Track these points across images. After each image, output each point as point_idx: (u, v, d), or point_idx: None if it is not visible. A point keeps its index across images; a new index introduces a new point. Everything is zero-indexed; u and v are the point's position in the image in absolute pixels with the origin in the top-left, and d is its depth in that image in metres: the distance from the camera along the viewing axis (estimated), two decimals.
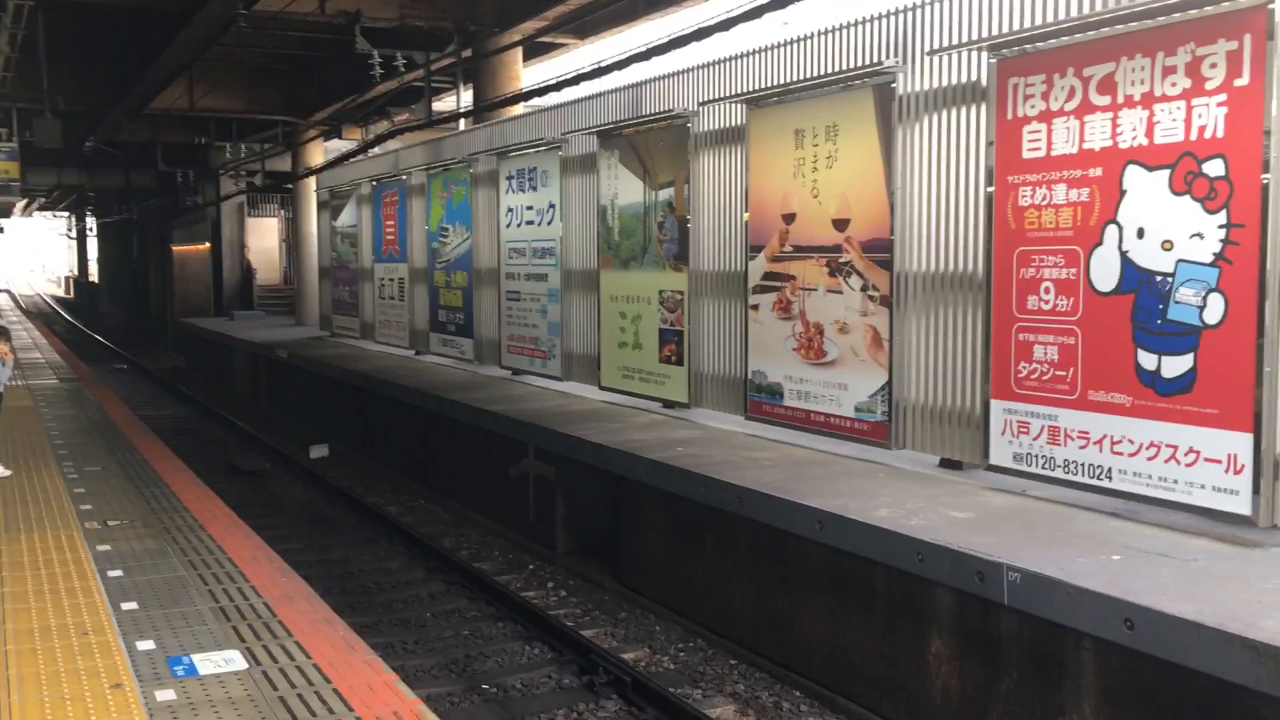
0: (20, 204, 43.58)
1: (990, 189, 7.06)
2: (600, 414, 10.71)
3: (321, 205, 21.84)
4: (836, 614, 6.80)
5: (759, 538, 7.44)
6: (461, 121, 16.60)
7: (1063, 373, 6.67)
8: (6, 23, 13.85)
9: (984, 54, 7.08)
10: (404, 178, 17.03)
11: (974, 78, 7.28)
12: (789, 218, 8.88)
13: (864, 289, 8.21)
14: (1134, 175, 6.20)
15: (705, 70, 10.02)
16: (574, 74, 11.78)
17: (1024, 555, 5.59)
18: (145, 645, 4.78)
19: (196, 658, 4.62)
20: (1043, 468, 6.85)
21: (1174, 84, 5.96)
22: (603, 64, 11.06)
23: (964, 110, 7.40)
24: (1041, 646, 5.46)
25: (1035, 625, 5.46)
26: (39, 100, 19.04)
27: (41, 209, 56.31)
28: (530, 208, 13.12)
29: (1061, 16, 6.68)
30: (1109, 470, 6.44)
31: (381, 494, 13.03)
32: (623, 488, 9.03)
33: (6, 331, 8.76)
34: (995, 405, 7.13)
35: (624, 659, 7.39)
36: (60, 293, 78.09)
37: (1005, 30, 7.02)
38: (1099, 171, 6.38)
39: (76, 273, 69.37)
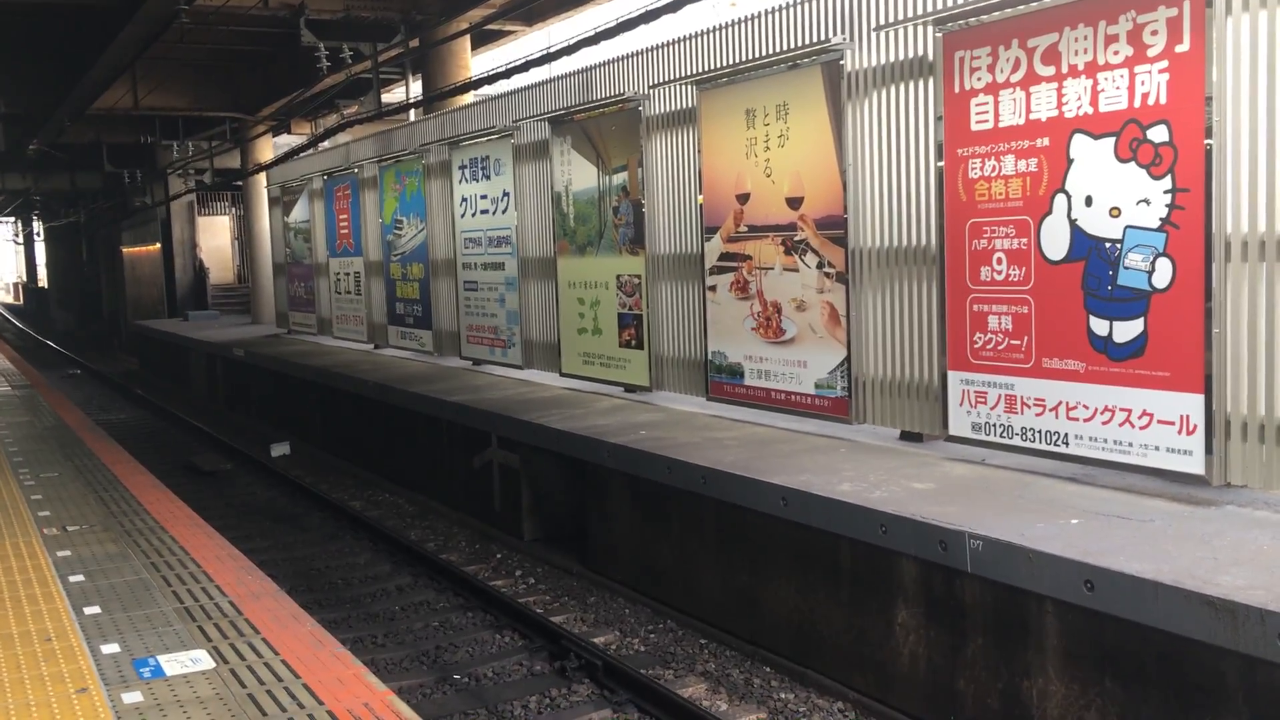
0: None
1: (940, 163, 7.13)
2: (562, 401, 10.71)
3: (273, 201, 21.62)
4: (803, 589, 6.86)
5: (724, 517, 7.49)
6: (411, 112, 16.47)
7: (1017, 342, 6.76)
8: None
9: (930, 28, 7.13)
10: (356, 171, 16.89)
11: (921, 52, 7.33)
12: (743, 198, 8.91)
13: (820, 266, 8.26)
14: (1080, 144, 6.27)
15: (655, 53, 10.01)
16: (523, 60, 11.72)
17: (985, 523, 5.67)
18: (110, 649, 4.73)
19: (163, 659, 4.58)
20: (1001, 436, 6.93)
21: (1116, 52, 6.04)
22: (552, 50, 11.02)
23: (912, 85, 7.45)
24: (1005, 611, 5.55)
25: (998, 591, 5.54)
26: None
27: None
28: (484, 197, 13.07)
29: None
30: (1065, 436, 6.54)
31: (345, 489, 12.96)
32: (587, 473, 9.05)
33: None
34: (952, 376, 7.21)
35: (594, 643, 7.42)
36: (8, 299, 76.75)
37: (950, 4, 7.06)
38: (1046, 142, 6.45)
39: (25, 278, 68.16)
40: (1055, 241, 6.47)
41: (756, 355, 8.95)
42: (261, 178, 23.09)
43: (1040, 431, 6.69)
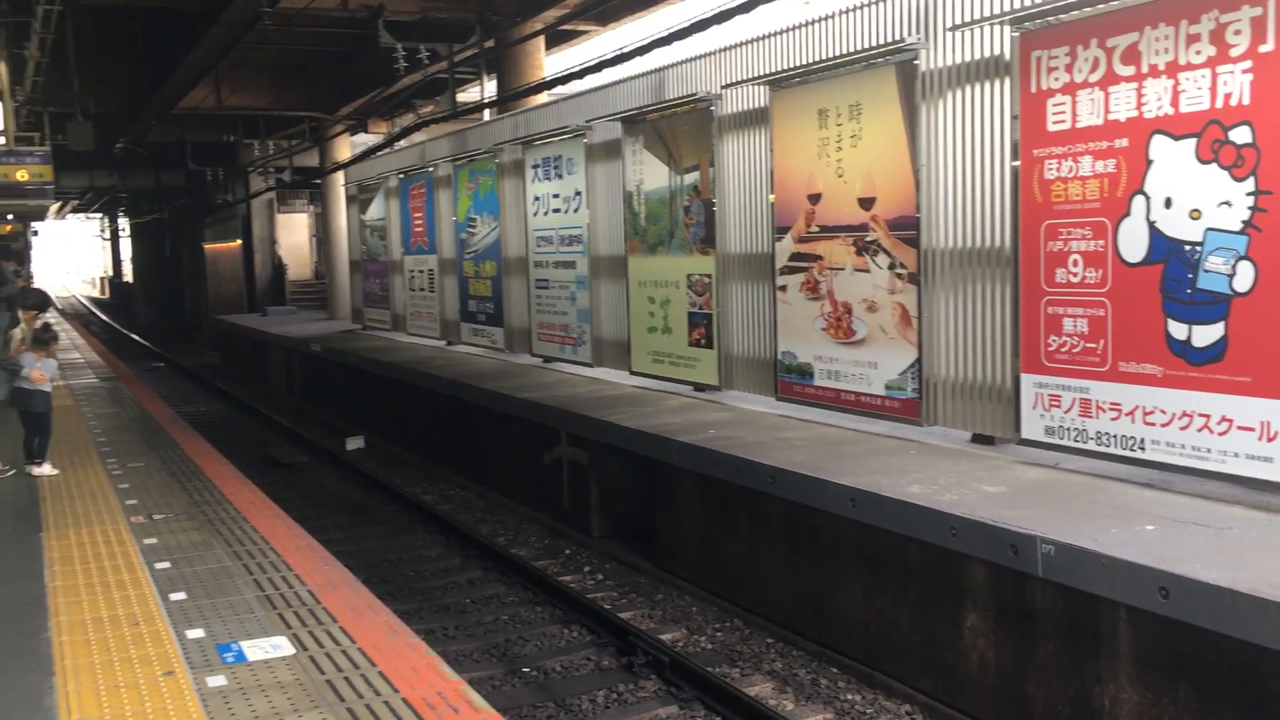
0: (54, 206, 44.10)
1: (1015, 163, 7.06)
2: (632, 399, 10.79)
3: (350, 199, 22.01)
4: (871, 590, 6.85)
5: (792, 517, 7.50)
6: (486, 112, 16.68)
7: (1093, 345, 6.67)
8: (36, 28, 14.07)
9: (1006, 28, 7.06)
10: (431, 169, 17.14)
11: (997, 52, 7.26)
12: (814, 198, 8.90)
13: (891, 267, 8.22)
14: (1160, 145, 6.17)
15: (728, 53, 10.03)
16: (596, 61, 11.81)
17: (1058, 527, 5.61)
18: (195, 634, 4.90)
19: (245, 644, 4.74)
20: (1075, 440, 6.85)
21: (1198, 52, 5.94)
22: (625, 50, 11.09)
23: (987, 85, 7.39)
24: (1077, 617, 5.49)
25: (1070, 596, 5.49)
26: (70, 104, 19.29)
27: (74, 211, 56.99)
28: (557, 195, 13.19)
29: None
30: (1141, 441, 6.44)
31: (417, 483, 13.18)
32: (656, 471, 9.11)
33: (55, 333, 8.94)
34: (1026, 379, 7.13)
35: (662, 640, 7.47)
36: (95, 293, 78.99)
37: (1028, 3, 6.99)
38: (1125, 142, 6.36)
39: (111, 273, 70.16)
40: (1133, 244, 6.37)
41: (826, 355, 8.93)
42: (339, 176, 23.52)
43: (1115, 436, 6.60)
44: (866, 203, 8.39)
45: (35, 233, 46.44)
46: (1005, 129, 7.22)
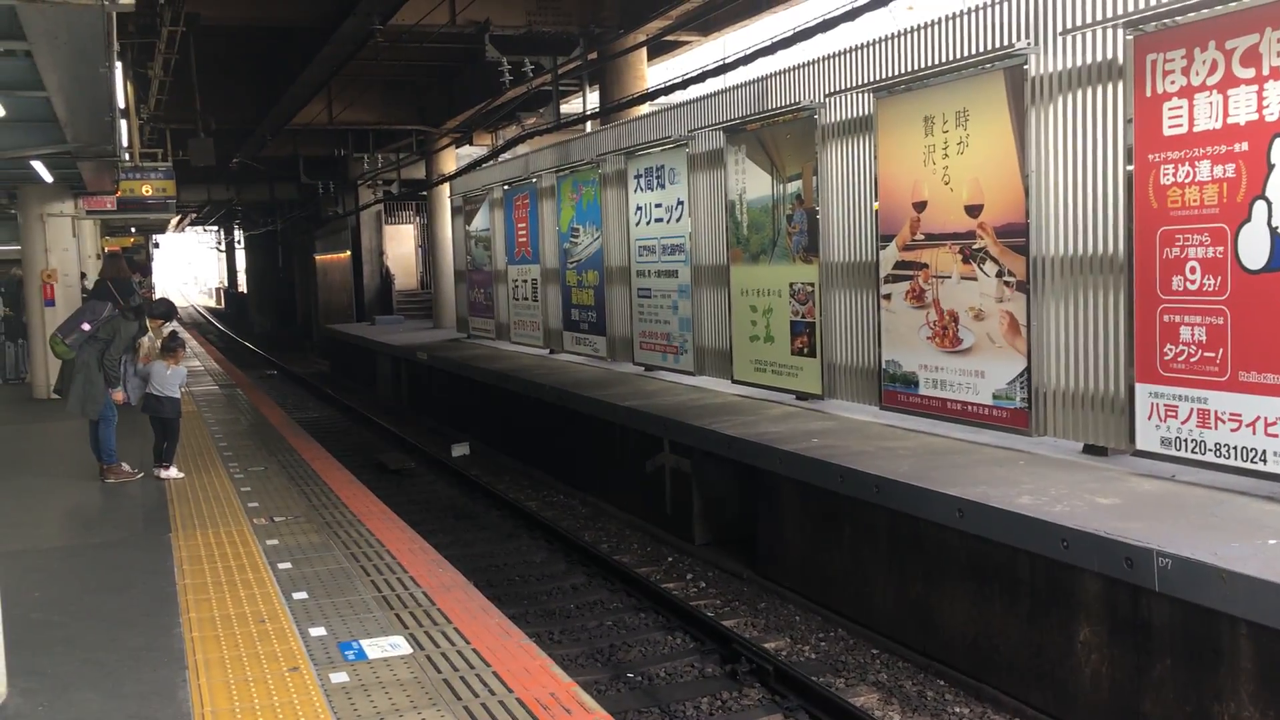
0: (173, 219, 45.89)
1: (1130, 168, 6.92)
2: (734, 407, 10.81)
3: (455, 210, 22.46)
4: (979, 602, 6.77)
5: (898, 527, 7.45)
6: (589, 123, 16.88)
7: (1211, 354, 6.50)
8: (160, 48, 14.69)
9: (1120, 31, 6.93)
10: (534, 180, 17.41)
11: (1110, 56, 7.13)
12: (920, 205, 8.83)
13: (999, 275, 8.12)
14: None
15: (831, 61, 10.02)
16: (699, 71, 11.90)
17: (1175, 541, 5.49)
18: (317, 631, 5.09)
19: (365, 643, 4.91)
20: (1192, 452, 6.68)
21: None
22: (727, 60, 11.16)
23: (1100, 89, 7.26)
24: (1195, 632, 5.36)
25: (1188, 611, 5.36)
26: (191, 121, 20.08)
27: (192, 224, 59.14)
28: (659, 205, 13.30)
29: None
30: (1263, 453, 6.25)
31: (521, 490, 13.39)
32: (758, 479, 9.12)
33: (181, 341, 9.34)
34: (1140, 389, 6.98)
35: (765, 648, 7.48)
36: (212, 303, 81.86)
37: (1142, 6, 6.86)
38: (1245, 146, 6.19)
39: (226, 283, 72.63)
40: (1254, 250, 6.20)
41: (932, 364, 8.85)
42: (445, 188, 24.04)
43: (1236, 448, 6.41)
44: (974, 210, 8.30)
45: (156, 245, 48.39)
46: (1119, 134, 7.08)
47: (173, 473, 9.06)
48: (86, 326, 8.91)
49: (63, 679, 4.65)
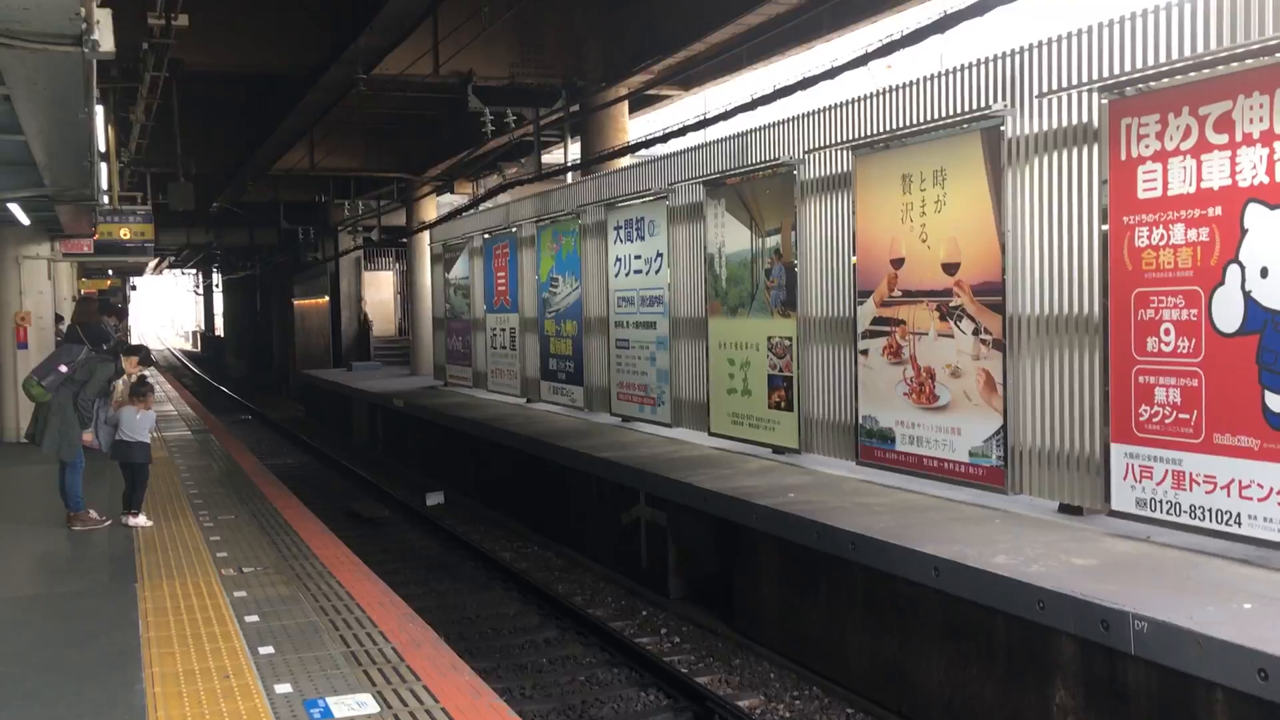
0: (151, 262, 45.76)
1: (1105, 227, 6.99)
2: (711, 460, 10.78)
3: (435, 258, 22.47)
4: (955, 662, 6.72)
5: (874, 584, 7.40)
6: (570, 174, 16.97)
7: (1186, 416, 6.53)
8: (143, 93, 14.70)
9: (1095, 95, 7.04)
10: (514, 230, 17.46)
11: (1085, 119, 7.23)
12: (897, 262, 8.88)
13: (976, 332, 8.16)
14: (1255, 214, 6.07)
15: (811, 118, 10.11)
16: (680, 125, 12.01)
17: (1151, 603, 5.47)
18: (283, 688, 4.99)
19: (331, 701, 4.81)
20: (1168, 513, 6.68)
21: None
22: (708, 115, 11.28)
23: (1075, 152, 7.35)
24: (1171, 697, 5.33)
25: (1164, 675, 5.33)
26: (172, 165, 20.06)
27: (170, 266, 58.97)
28: (638, 257, 13.34)
29: (1175, 56, 6.62)
30: (1238, 516, 6.27)
31: (496, 540, 13.26)
32: (735, 534, 9.07)
33: (150, 385, 9.25)
34: (1116, 449, 7.00)
35: (740, 706, 7.39)
36: (188, 346, 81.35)
37: (1117, 71, 6.97)
38: (1218, 210, 6.27)
39: (203, 327, 72.27)
40: (1228, 313, 6.25)
41: (909, 421, 8.85)
42: (425, 235, 24.07)
43: (1210, 510, 6.42)
44: (950, 268, 8.36)
45: (134, 287, 48.19)
46: (1094, 196, 7.16)
47: (141, 520, 8.93)
48: (64, 369, 8.83)
49: None
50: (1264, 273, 6.05)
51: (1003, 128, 7.84)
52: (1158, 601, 5.50)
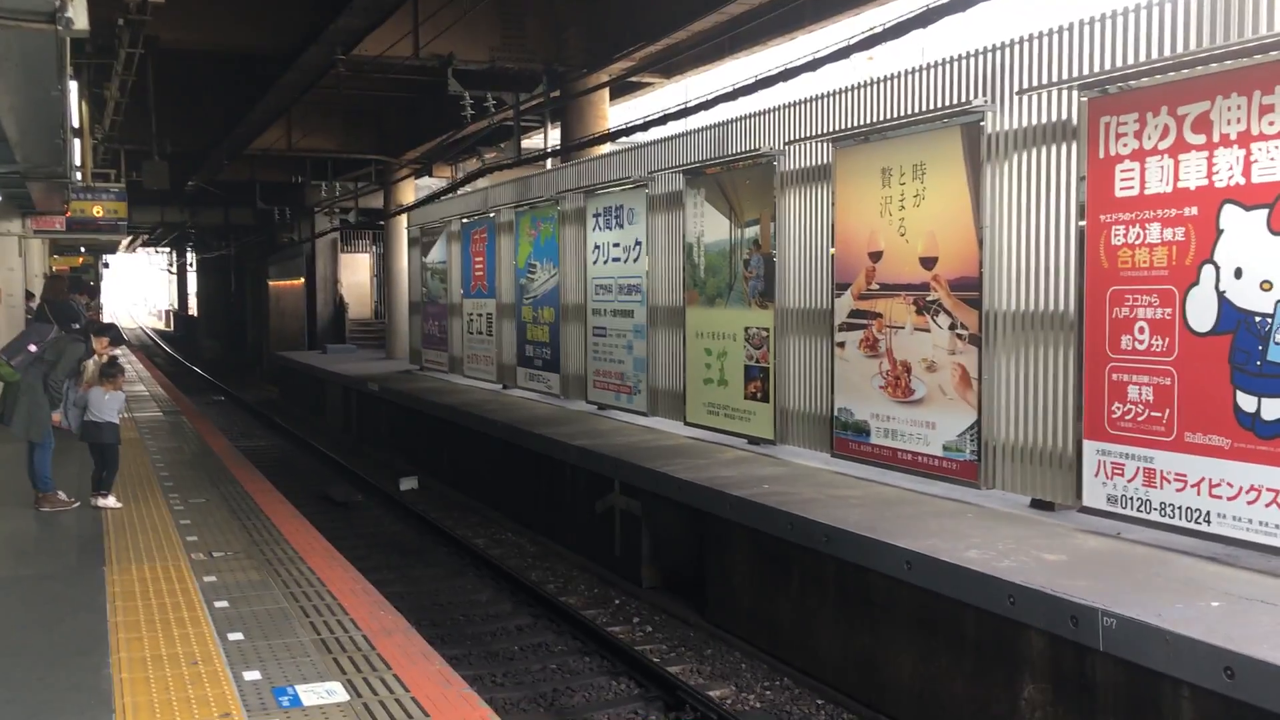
0: (124, 240, 45.28)
1: (1082, 223, 7.01)
2: (686, 450, 10.78)
3: (412, 242, 22.35)
4: (926, 655, 6.75)
5: (846, 576, 7.43)
6: (549, 160, 16.90)
7: (1158, 414, 6.57)
8: (118, 70, 14.51)
9: (1075, 93, 7.05)
10: (493, 215, 17.38)
11: (1064, 116, 7.25)
12: (875, 255, 8.89)
13: (952, 327, 8.18)
14: (1231, 214, 6.11)
15: (791, 109, 10.10)
16: (660, 114, 11.97)
17: (1120, 600, 5.51)
18: (251, 675, 4.95)
19: (300, 689, 4.78)
20: (1138, 510, 6.73)
21: (1271, 123, 5.88)
22: (689, 104, 11.24)
23: (1054, 149, 7.37)
24: (1138, 693, 5.37)
25: (1132, 671, 5.37)
26: (146, 143, 19.86)
27: (144, 245, 58.42)
28: (617, 245, 13.30)
29: (1154, 56, 6.64)
30: (1207, 514, 6.32)
31: (469, 526, 13.23)
32: (708, 524, 9.08)
33: (120, 367, 9.15)
34: (1088, 446, 7.04)
35: (710, 696, 7.41)
36: (161, 325, 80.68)
37: (1097, 69, 6.98)
38: (1194, 211, 6.30)
39: (176, 306, 71.67)
40: (1202, 313, 6.29)
41: (884, 414, 8.88)
42: (402, 218, 23.94)
43: (1180, 508, 6.47)
44: (928, 262, 8.37)
45: (106, 265, 47.71)
46: (1071, 194, 7.18)
47: (110, 502, 8.84)
48: (33, 348, 8.72)
49: None
50: (1238, 273, 6.09)
51: (983, 123, 7.85)
52: (1127, 598, 5.54)
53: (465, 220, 18.67)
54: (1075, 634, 5.56)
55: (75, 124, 12.51)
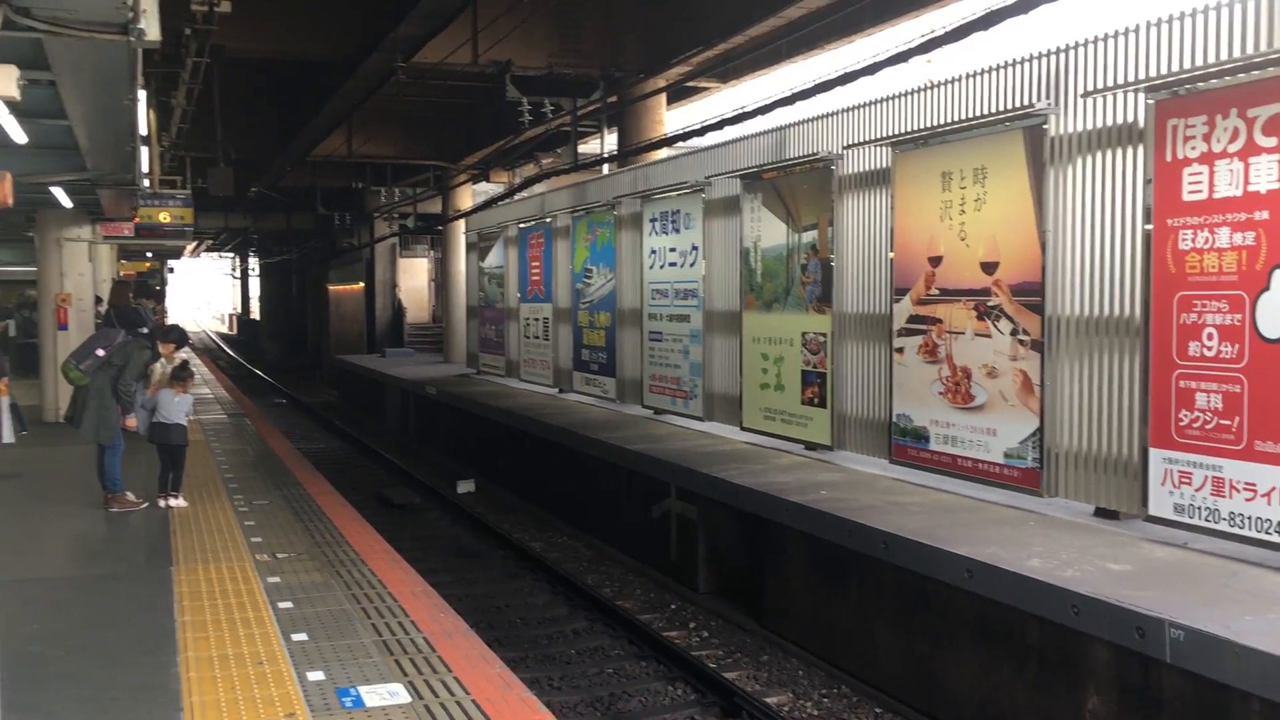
0: (189, 246, 46.15)
1: (1148, 226, 6.89)
2: (742, 455, 10.75)
3: (470, 246, 22.53)
4: (986, 665, 6.67)
5: (905, 584, 7.37)
6: (606, 165, 16.95)
7: (1227, 422, 6.44)
8: (185, 79, 14.81)
9: (1142, 95, 6.94)
10: (550, 220, 17.47)
11: (1130, 119, 7.13)
12: (935, 260, 8.81)
13: (1014, 333, 8.08)
14: None
15: (850, 114, 10.04)
16: (717, 118, 11.95)
17: (1188, 611, 5.41)
18: (315, 676, 5.03)
19: (363, 689, 4.84)
20: (1206, 519, 6.60)
21: None
22: (746, 109, 11.20)
23: (1119, 152, 7.26)
24: (1208, 706, 5.26)
25: (1200, 685, 5.27)
26: (211, 150, 20.22)
27: (208, 250, 59.48)
28: (673, 249, 13.32)
29: (1224, 57, 6.51)
30: (1277, 524, 6.17)
31: (525, 529, 13.30)
32: (765, 530, 9.05)
33: (191, 370, 9.34)
34: (1154, 454, 6.91)
35: (768, 702, 7.38)
36: (224, 329, 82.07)
37: (1164, 71, 6.87)
38: (1265, 214, 6.17)
39: (239, 310, 72.86)
40: (1273, 318, 6.16)
41: (943, 420, 8.79)
42: (460, 224, 24.14)
43: (1250, 518, 6.33)
44: (989, 267, 8.28)
45: (171, 270, 48.65)
46: (1138, 198, 7.07)
47: (179, 502, 9.02)
48: (101, 352, 8.93)
49: (57, 716, 4.59)
50: None
51: (1046, 126, 7.75)
52: (1195, 610, 5.43)
53: (522, 225, 18.78)
54: (1141, 645, 5.47)
55: (143, 132, 12.76)
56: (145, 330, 11.17)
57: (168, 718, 4.56)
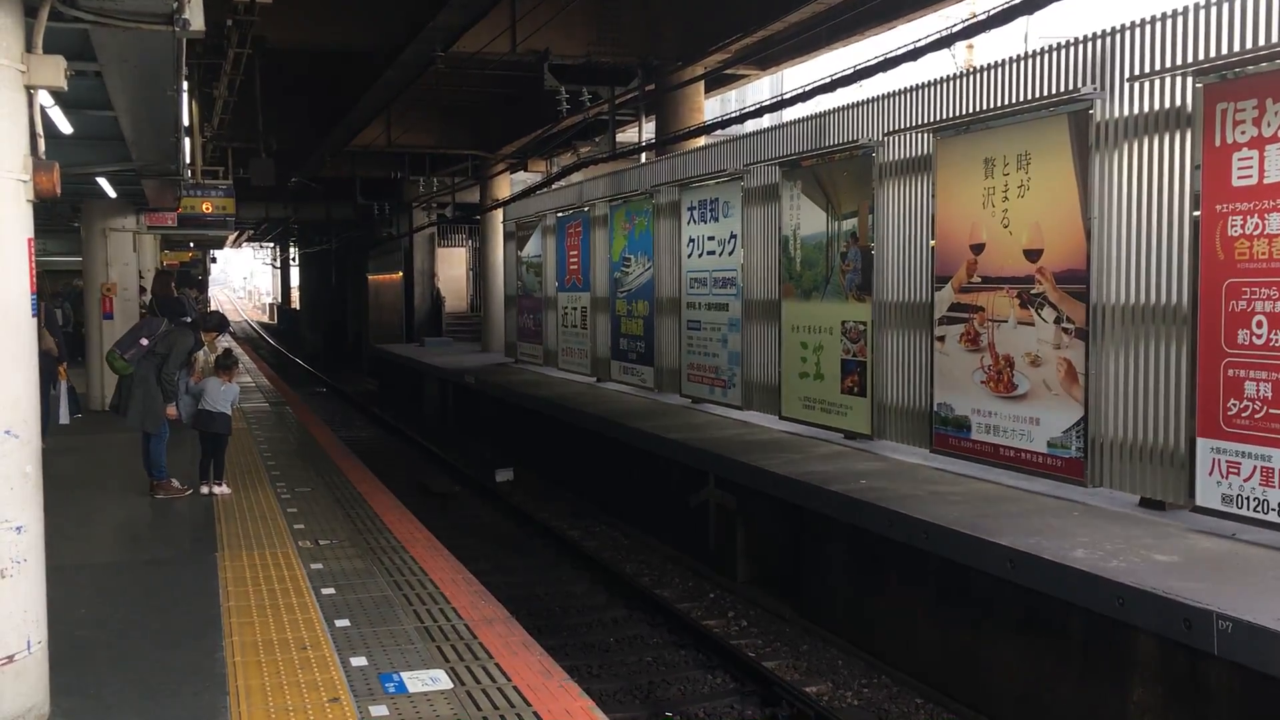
0: (231, 236, 46.62)
1: (1196, 213, 6.78)
2: (781, 444, 10.72)
3: (508, 236, 22.59)
4: (1029, 656, 6.61)
5: (946, 574, 7.31)
6: (644, 154, 16.91)
7: (1277, 411, 6.33)
8: (226, 69, 14.94)
9: (1190, 79, 6.82)
10: (587, 209, 17.47)
11: (1178, 104, 7.01)
12: (977, 248, 8.72)
13: (1057, 321, 7.99)
14: None
15: (890, 99, 9.95)
16: (756, 106, 11.88)
17: (1236, 603, 5.33)
18: (358, 661, 5.07)
19: (405, 675, 4.88)
20: (1255, 510, 6.49)
21: None
22: (785, 95, 11.12)
23: (1167, 137, 7.14)
24: (1257, 700, 5.19)
25: (1249, 677, 5.19)
26: (252, 140, 20.38)
27: (249, 240, 60.03)
28: (712, 238, 13.27)
29: (1275, 40, 6.38)
30: None
31: (563, 518, 13.34)
32: (804, 519, 9.02)
33: (235, 359, 9.44)
34: (1202, 444, 6.81)
35: (807, 692, 7.36)
36: (264, 318, 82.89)
37: (1213, 55, 6.74)
38: None
39: (279, 300, 73.54)
40: None
41: (985, 409, 8.71)
42: (498, 213, 24.19)
43: None
44: (1033, 254, 8.19)
45: (214, 259, 49.18)
46: (1185, 183, 6.95)
47: (222, 489, 9.13)
48: (145, 342, 9.04)
49: (105, 700, 4.67)
50: None
51: (1091, 111, 7.64)
52: (1244, 601, 5.35)
53: (560, 214, 18.80)
54: (1188, 637, 5.40)
55: (186, 123, 12.89)
56: (188, 319, 11.29)
57: (214, 701, 4.62)
